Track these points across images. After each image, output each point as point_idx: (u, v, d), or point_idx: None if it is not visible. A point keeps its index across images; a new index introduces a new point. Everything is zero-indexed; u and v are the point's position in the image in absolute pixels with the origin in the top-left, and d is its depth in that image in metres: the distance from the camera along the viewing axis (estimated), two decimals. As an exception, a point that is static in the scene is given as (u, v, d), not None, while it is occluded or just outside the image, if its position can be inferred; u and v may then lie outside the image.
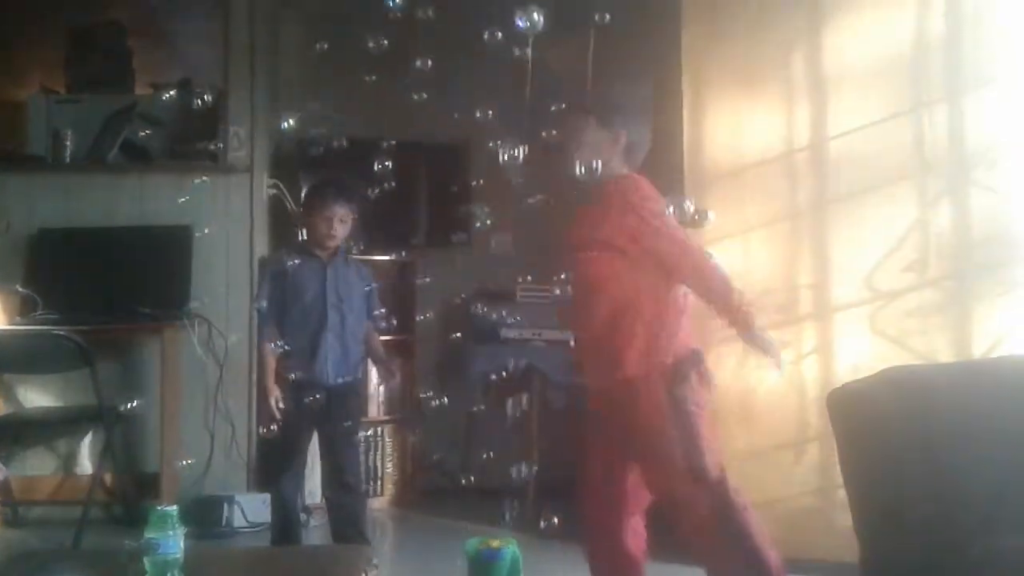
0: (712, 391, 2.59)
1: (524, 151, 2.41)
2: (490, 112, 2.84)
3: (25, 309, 4.10)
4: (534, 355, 4.32)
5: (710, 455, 2.47)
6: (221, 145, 4.41)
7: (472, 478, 4.02)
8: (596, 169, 2.57)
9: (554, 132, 2.65)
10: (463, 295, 4.64)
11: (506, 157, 2.41)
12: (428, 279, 4.52)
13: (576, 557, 3.07)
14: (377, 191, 3.22)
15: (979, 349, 3.27)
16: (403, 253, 4.63)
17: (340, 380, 3.41)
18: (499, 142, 2.44)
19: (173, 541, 1.84)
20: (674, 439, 2.45)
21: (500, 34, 2.59)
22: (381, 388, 4.64)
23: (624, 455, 2.57)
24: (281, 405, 3.33)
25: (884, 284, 3.39)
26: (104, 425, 3.96)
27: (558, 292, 3.10)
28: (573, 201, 2.62)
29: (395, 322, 4.56)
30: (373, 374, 4.55)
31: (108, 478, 4.18)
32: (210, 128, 4.48)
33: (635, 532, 2.62)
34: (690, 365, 2.50)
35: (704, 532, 2.52)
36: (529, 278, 4.23)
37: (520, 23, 2.47)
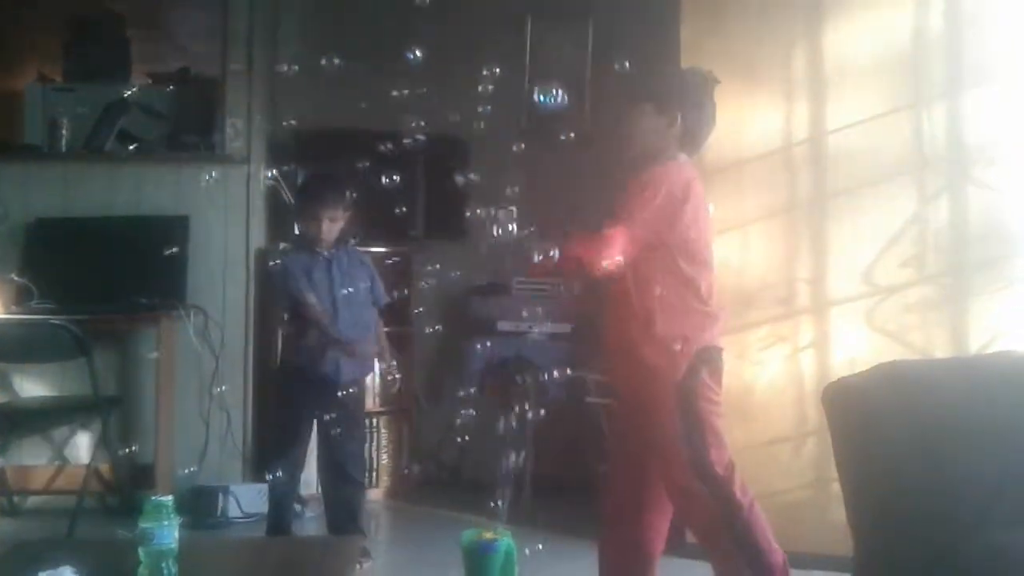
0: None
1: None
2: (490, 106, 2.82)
3: (21, 298, 4.09)
4: (530, 348, 4.32)
5: (717, 451, 2.46)
6: (218, 136, 4.41)
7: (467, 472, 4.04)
8: (648, 155, 2.55)
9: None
10: (460, 288, 4.64)
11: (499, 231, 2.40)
12: (427, 272, 4.51)
13: (571, 549, 3.08)
14: (374, 184, 3.21)
15: (976, 344, 3.27)
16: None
17: (351, 377, 3.42)
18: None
19: (168, 531, 1.83)
20: (679, 433, 2.45)
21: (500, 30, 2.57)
22: (377, 380, 4.63)
23: (641, 447, 2.57)
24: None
25: (882, 279, 3.39)
26: (100, 415, 3.96)
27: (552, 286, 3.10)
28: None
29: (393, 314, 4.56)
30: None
31: (104, 468, 4.17)
32: (208, 118, 4.47)
33: (651, 528, 2.60)
34: (703, 361, 2.49)
35: (708, 528, 2.51)
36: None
37: (542, 99, 2.46)
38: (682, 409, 2.43)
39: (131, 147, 4.38)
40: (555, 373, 4.13)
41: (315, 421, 3.47)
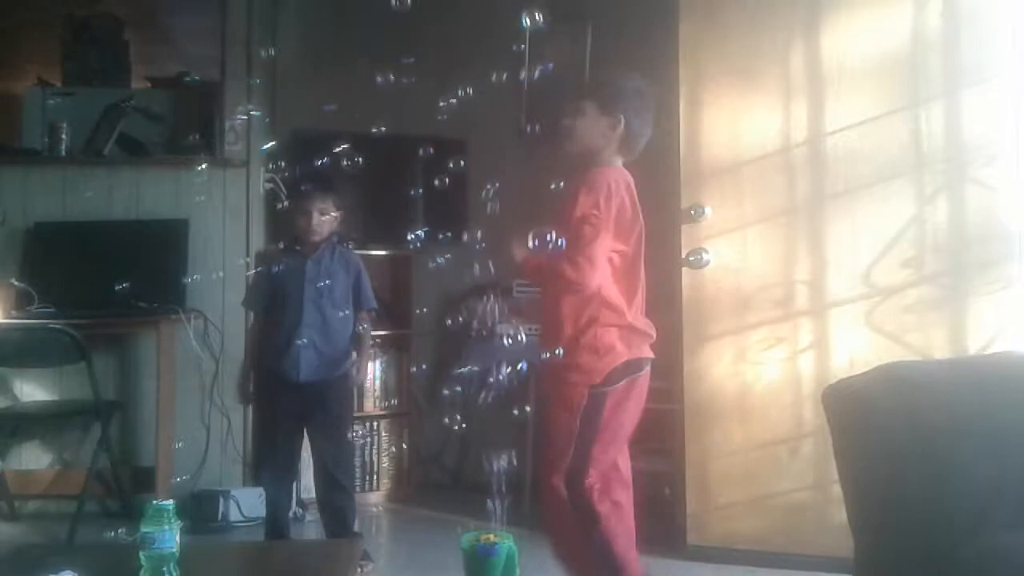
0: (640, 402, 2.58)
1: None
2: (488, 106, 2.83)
3: (21, 303, 4.09)
4: (530, 350, 4.31)
5: (595, 460, 2.47)
6: (217, 139, 4.41)
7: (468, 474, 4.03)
8: (589, 154, 2.58)
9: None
10: (460, 290, 4.64)
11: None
12: (426, 272, 4.51)
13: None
14: (374, 186, 3.21)
15: (975, 345, 3.27)
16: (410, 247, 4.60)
17: (319, 378, 3.36)
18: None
19: (169, 535, 1.83)
20: (560, 432, 2.48)
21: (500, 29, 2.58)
22: (377, 383, 4.64)
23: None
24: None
25: (881, 280, 3.39)
26: (100, 419, 3.96)
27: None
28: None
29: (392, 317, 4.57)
30: (368, 368, 4.55)
31: (104, 472, 4.17)
32: (207, 122, 4.48)
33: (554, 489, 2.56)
34: (619, 374, 2.49)
35: (563, 531, 2.53)
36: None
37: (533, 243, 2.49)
38: (585, 414, 2.46)
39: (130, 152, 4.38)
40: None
41: (302, 427, 3.46)
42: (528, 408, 3.52)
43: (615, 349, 2.49)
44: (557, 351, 2.47)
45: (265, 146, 4.26)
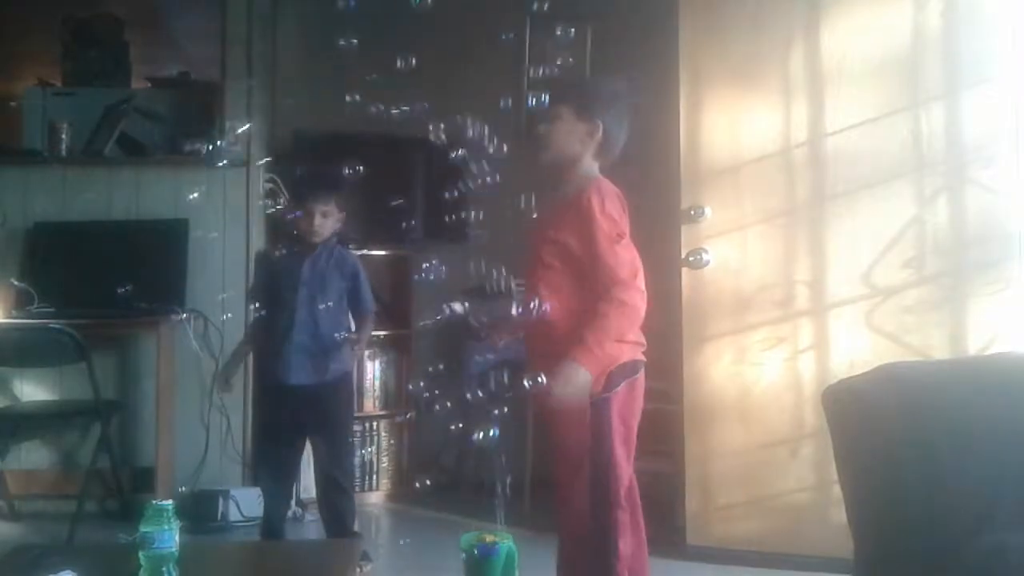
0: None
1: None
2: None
3: (21, 303, 4.10)
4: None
5: (617, 472, 2.37)
6: (218, 139, 4.41)
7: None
8: (566, 161, 2.52)
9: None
10: (459, 290, 4.63)
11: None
12: (425, 274, 4.50)
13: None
14: (373, 186, 3.19)
15: (975, 346, 3.27)
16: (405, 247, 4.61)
17: (312, 381, 3.31)
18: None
19: (168, 535, 1.83)
20: (571, 449, 2.40)
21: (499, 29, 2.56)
22: (377, 383, 4.64)
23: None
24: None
25: (881, 280, 3.39)
26: (100, 419, 3.96)
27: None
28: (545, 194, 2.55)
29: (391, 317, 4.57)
30: (368, 369, 4.55)
31: (104, 472, 4.17)
32: (207, 122, 4.48)
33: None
34: (618, 377, 2.41)
35: (574, 551, 2.44)
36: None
37: None
38: (593, 425, 2.37)
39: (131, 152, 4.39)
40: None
41: (299, 429, 3.45)
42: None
43: (610, 352, 2.42)
44: (540, 378, 2.34)
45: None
